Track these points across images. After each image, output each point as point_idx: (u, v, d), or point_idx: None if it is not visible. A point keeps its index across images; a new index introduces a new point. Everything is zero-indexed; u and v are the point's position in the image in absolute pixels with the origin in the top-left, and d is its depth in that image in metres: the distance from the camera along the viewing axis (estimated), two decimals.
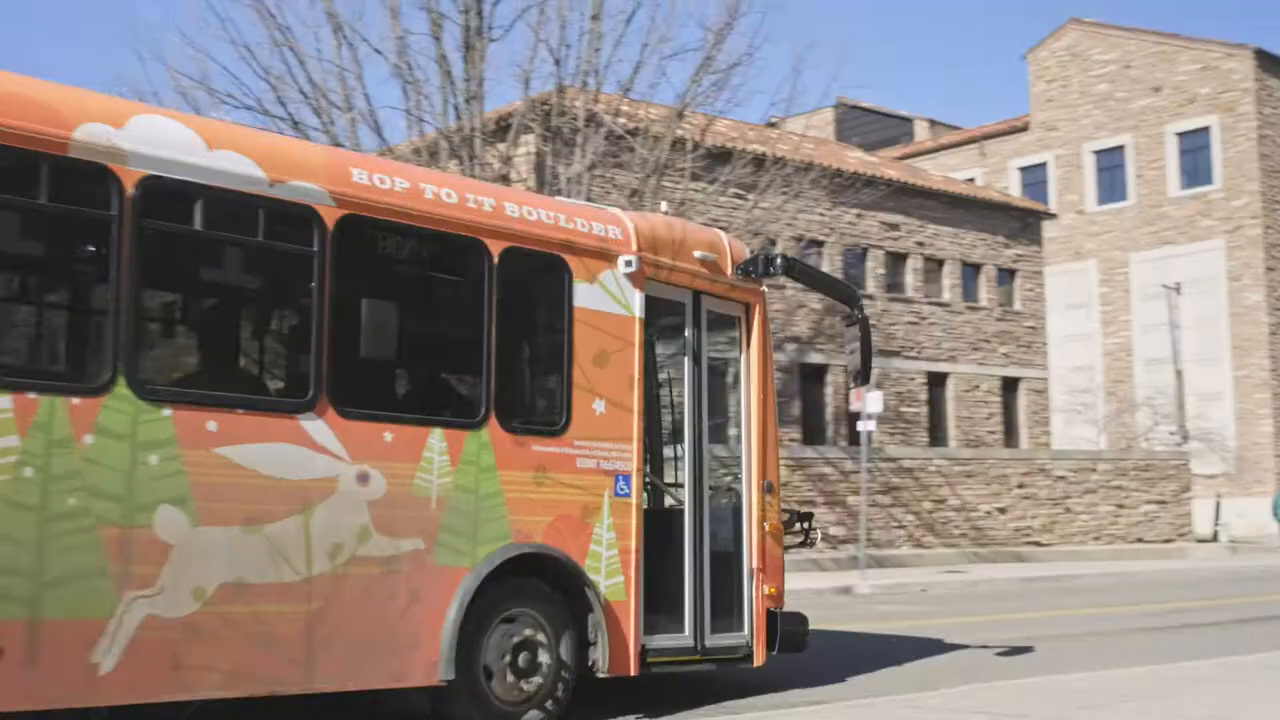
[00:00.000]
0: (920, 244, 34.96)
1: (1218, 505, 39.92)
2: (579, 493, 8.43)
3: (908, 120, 58.51)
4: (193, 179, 6.89)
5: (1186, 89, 47.71)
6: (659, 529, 8.99)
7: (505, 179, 20.70)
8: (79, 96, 6.81)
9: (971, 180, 47.47)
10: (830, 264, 32.22)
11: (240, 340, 8.03)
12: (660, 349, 9.52)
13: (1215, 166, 47.00)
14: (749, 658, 9.42)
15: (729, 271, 9.59)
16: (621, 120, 22.44)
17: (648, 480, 9.07)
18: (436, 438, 7.72)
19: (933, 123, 58.49)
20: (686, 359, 9.35)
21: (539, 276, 8.58)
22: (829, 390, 32.20)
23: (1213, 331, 46.11)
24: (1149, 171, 48.48)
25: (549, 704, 8.06)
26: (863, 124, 54.14)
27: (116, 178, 6.62)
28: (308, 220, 7.29)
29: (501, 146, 21.99)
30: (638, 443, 8.77)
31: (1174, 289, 45.89)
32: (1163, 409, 43.94)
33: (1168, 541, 34.42)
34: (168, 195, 6.81)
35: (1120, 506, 33.97)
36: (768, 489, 9.71)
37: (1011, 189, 48.66)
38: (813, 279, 11.33)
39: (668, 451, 9.63)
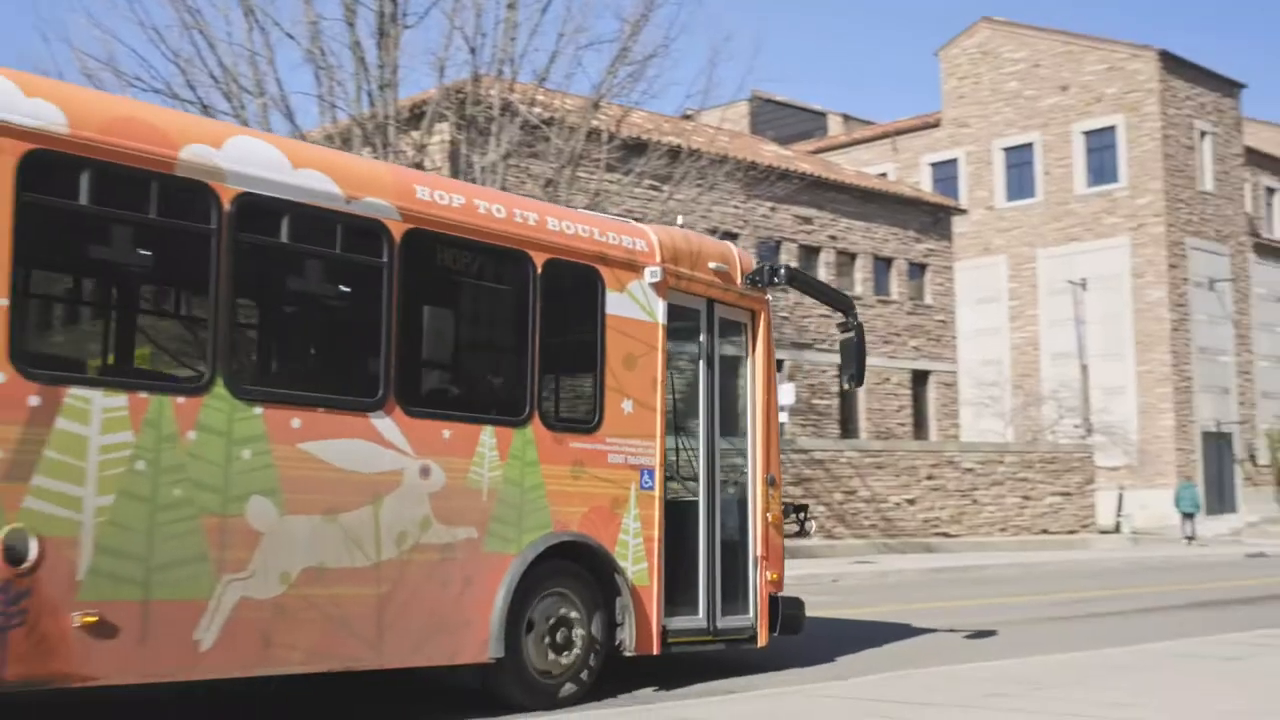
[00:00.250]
0: (833, 238, 35.21)
1: (1120, 497, 40.69)
2: (609, 486, 9.23)
3: (822, 115, 58.92)
4: (280, 195, 7.55)
5: (1093, 88, 48.53)
6: (676, 519, 9.72)
7: (419, 167, 20.48)
8: (183, 119, 7.73)
9: (884, 175, 47.92)
10: None
11: (319, 343, 8.73)
12: (677, 352, 10.15)
13: (1120, 165, 47.87)
14: (754, 639, 10.19)
15: (739, 281, 10.42)
16: (537, 110, 22.31)
17: (668, 474, 9.74)
18: (488, 434, 8.48)
19: (846, 117, 58.94)
20: (701, 362, 10.14)
21: (576, 286, 9.27)
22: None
23: (1117, 327, 46.98)
24: (1056, 169, 49.26)
25: (582, 675, 8.87)
26: (777, 118, 54.42)
27: (216, 194, 7.24)
28: (377, 234, 7.99)
29: (416, 134, 21.77)
30: (660, 440, 9.57)
31: (1080, 285, 46.68)
32: (1068, 402, 44.70)
33: (1072, 533, 35.05)
34: (259, 210, 7.44)
35: (1026, 498, 34.52)
36: (770, 482, 10.55)
37: (923, 184, 49.19)
38: (811, 288, 11.90)
39: (683, 446, 10.17)
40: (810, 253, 34.87)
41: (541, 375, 8.94)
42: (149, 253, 7.37)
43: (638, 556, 9.35)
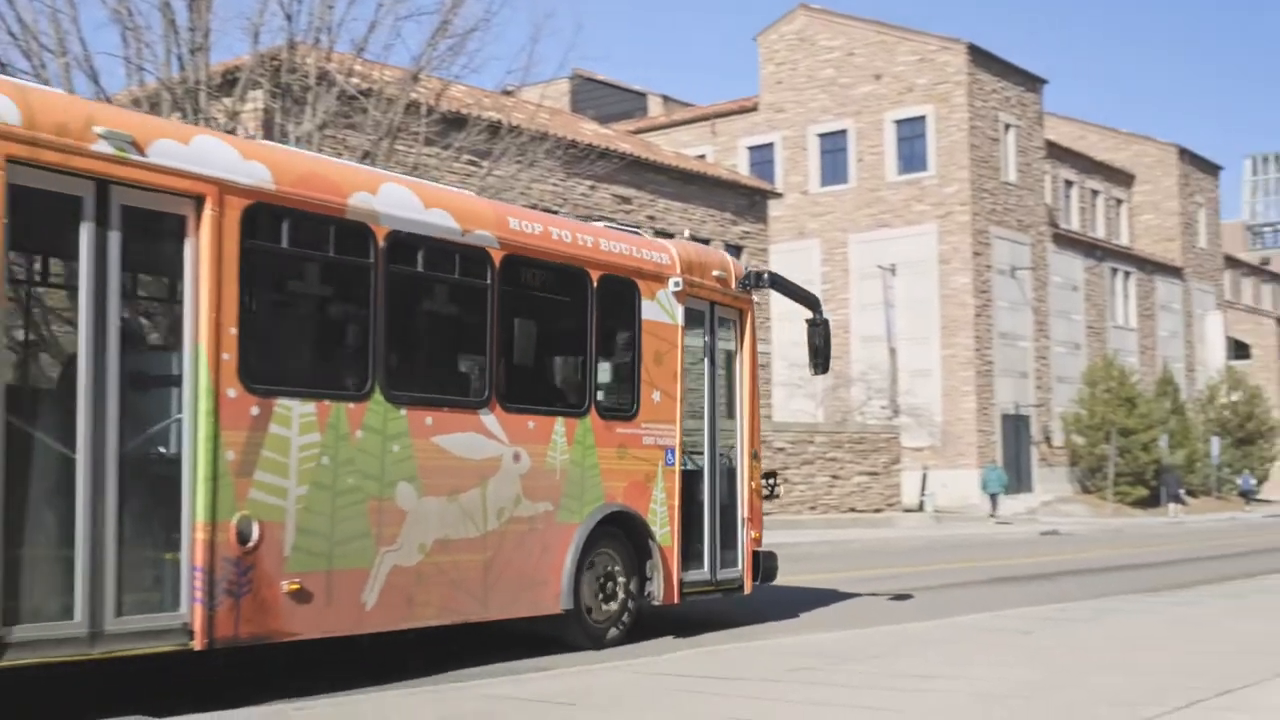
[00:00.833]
0: (652, 218, 35.40)
1: (924, 477, 41.94)
2: (643, 464, 11.16)
3: (642, 95, 59.16)
4: (417, 231, 9.27)
5: (905, 79, 49.74)
6: (686, 489, 11.60)
7: (232, 134, 19.89)
8: (348, 170, 9.50)
9: (703, 157, 48.36)
10: None
11: (444, 354, 10.41)
12: (688, 347, 11.83)
13: (930, 154, 49.21)
14: (741, 588, 12.23)
15: (733, 285, 12.35)
16: (355, 80, 21.86)
17: (685, 451, 11.67)
18: (559, 424, 10.35)
19: (666, 99, 59.31)
20: (705, 357, 12.06)
21: (620, 297, 11.10)
22: None
23: (924, 311, 48.35)
24: (869, 156, 50.40)
25: (623, 619, 10.93)
26: (598, 97, 54.45)
27: (373, 233, 8.91)
28: (483, 260, 9.79)
29: (228, 101, 21.10)
30: (679, 424, 11.52)
31: (889, 270, 47.88)
32: (876, 384, 45.82)
33: (878, 511, 36.01)
34: (403, 245, 9.15)
35: (835, 477, 35.35)
36: (754, 456, 12.53)
37: (740, 167, 49.81)
38: (787, 289, 13.39)
39: (691, 428, 11.91)
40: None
41: (597, 372, 10.94)
42: (328, 284, 9.26)
43: (663, 522, 11.29)
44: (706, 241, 37.19)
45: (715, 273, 12.11)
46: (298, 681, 8.51)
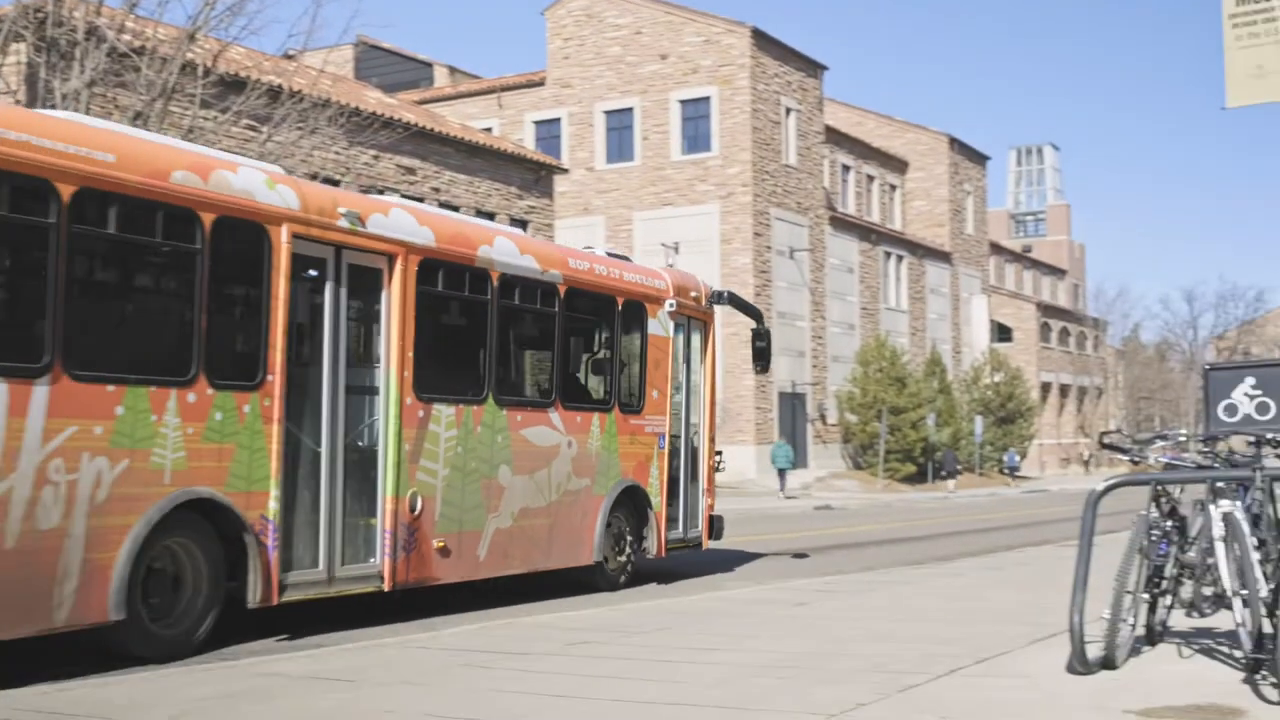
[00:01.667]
0: (436, 190, 34.98)
1: None
2: (645, 448, 14.18)
3: (428, 65, 58.34)
4: (516, 273, 12.16)
5: (691, 59, 50.28)
6: (669, 465, 14.62)
7: None
8: (477, 228, 12.30)
9: (489, 130, 47.99)
10: None
11: (526, 366, 13.51)
12: (675, 354, 14.86)
13: (713, 135, 49.88)
14: (699, 544, 15.34)
15: (703, 303, 15.41)
16: (127, 38, 20.99)
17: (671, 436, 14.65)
18: (595, 418, 13.40)
19: (452, 70, 58.62)
20: (685, 361, 15.15)
21: (635, 316, 14.11)
22: None
23: None
24: (654, 135, 50.82)
25: (628, 569, 13.96)
26: (382, 65, 53.51)
27: (490, 277, 11.81)
28: (554, 292, 12.77)
29: None
30: (669, 415, 14.53)
31: (673, 248, 48.43)
32: None
33: None
34: (508, 285, 12.07)
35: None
36: (711, 439, 15.67)
37: (527, 142, 49.62)
38: (739, 305, 16.27)
39: (674, 417, 14.74)
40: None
41: (618, 377, 13.86)
42: (464, 316, 12.03)
43: (656, 493, 14.30)
44: (491, 216, 36.98)
45: (692, 294, 15.15)
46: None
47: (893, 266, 61.95)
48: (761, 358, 16.40)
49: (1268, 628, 6.83)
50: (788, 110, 51.82)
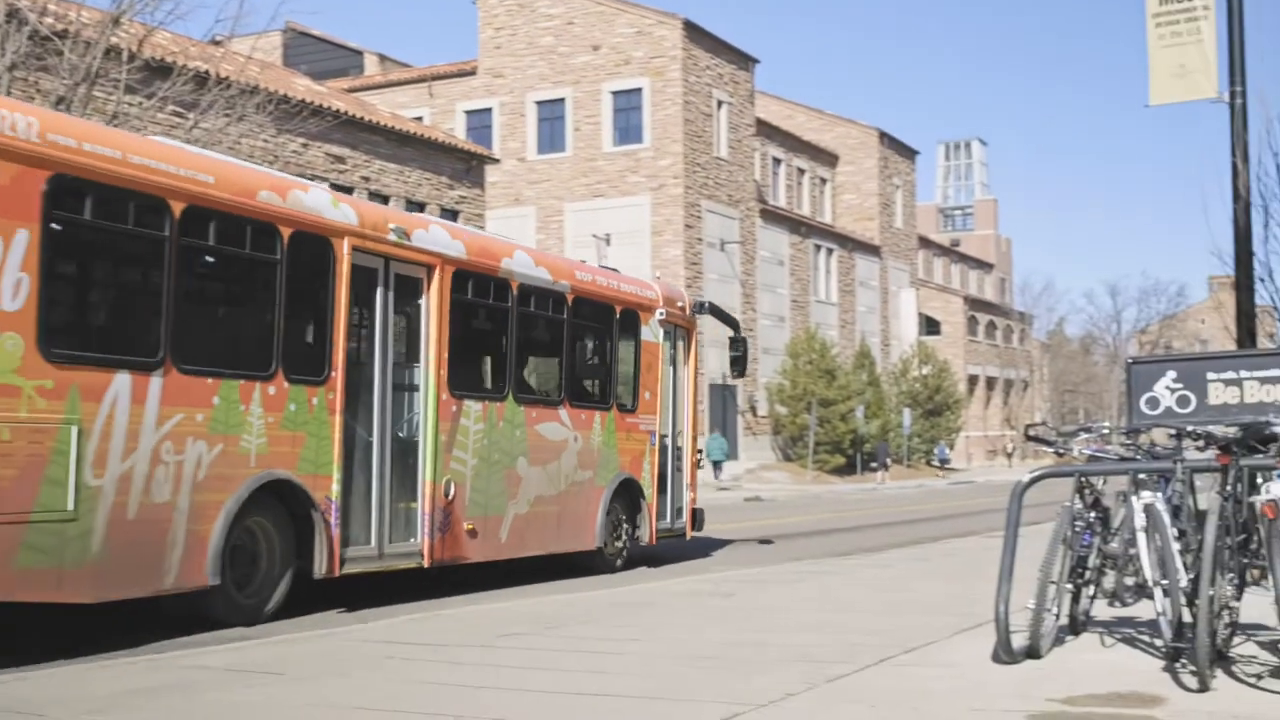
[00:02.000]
0: (366, 179, 34.70)
1: None
2: (639, 444, 15.57)
3: (358, 53, 57.81)
4: (531, 283, 13.54)
5: (623, 50, 50.24)
6: (659, 461, 16.00)
7: None
8: (499, 243, 13.78)
9: (419, 119, 47.68)
10: None
11: (539, 368, 14.90)
12: (664, 358, 16.23)
13: (645, 127, 49.88)
14: (684, 534, 16.79)
15: (688, 312, 16.94)
16: (49, 20, 20.59)
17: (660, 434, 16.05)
18: (597, 416, 14.74)
19: (383, 58, 58.13)
20: (671, 365, 16.45)
21: (629, 324, 15.51)
22: None
23: None
24: (586, 125, 50.73)
25: (623, 554, 15.19)
26: (312, 52, 52.96)
27: (511, 286, 13.18)
28: (563, 300, 14.15)
29: None
30: (659, 415, 15.91)
31: (604, 240, 48.41)
32: None
33: None
34: (526, 293, 13.44)
35: None
36: (694, 437, 17.18)
37: (458, 131, 49.36)
38: (719, 314, 18.27)
39: (662, 416, 16.13)
40: (343, 193, 34.15)
41: (616, 378, 15.22)
42: (489, 321, 13.46)
43: (649, 485, 15.67)
44: (422, 206, 36.77)
45: (678, 303, 16.67)
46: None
47: (823, 259, 62.33)
48: (738, 364, 17.98)
49: (1187, 617, 6.94)
50: (719, 103, 51.94)
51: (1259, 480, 7.14)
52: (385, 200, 35.48)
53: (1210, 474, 7.34)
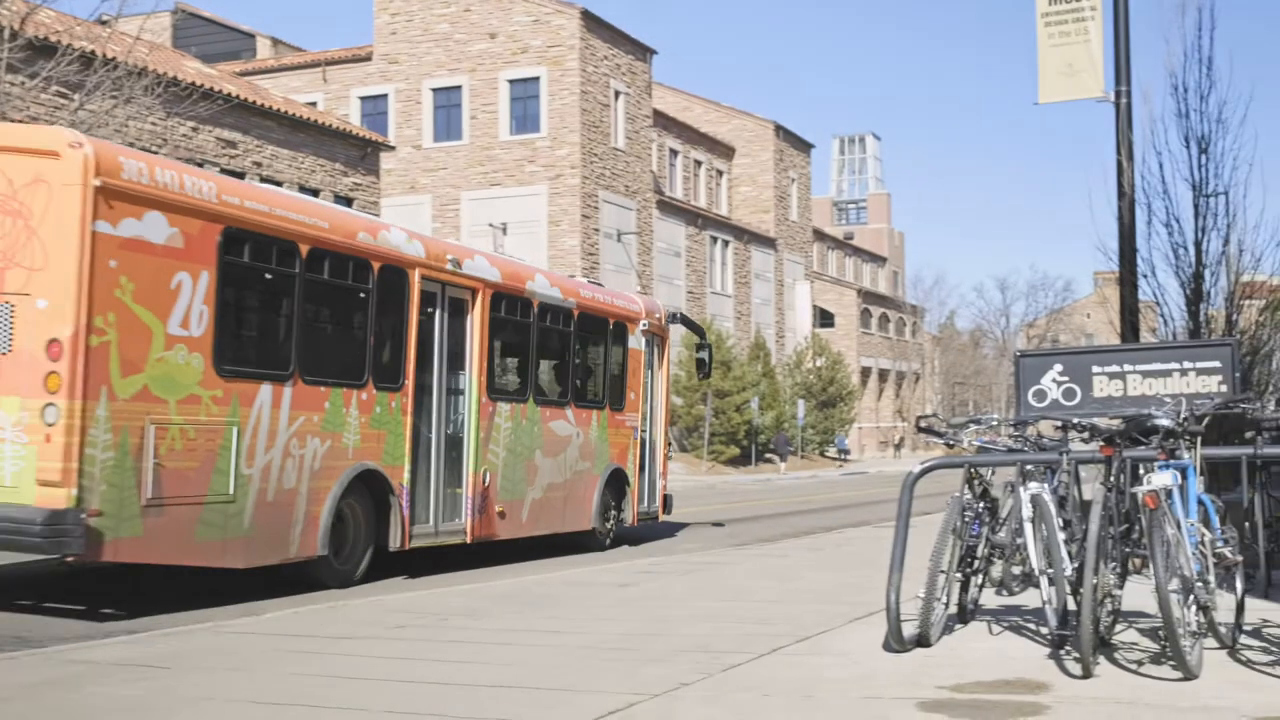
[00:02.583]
0: (258, 164, 34.14)
1: None
2: (625, 438, 17.77)
3: (250, 36, 56.84)
4: (548, 301, 15.83)
5: (520, 39, 49.98)
6: (640, 453, 18.28)
7: None
8: (523, 266, 16.08)
9: (313, 104, 46.97)
10: None
11: (553, 373, 16.61)
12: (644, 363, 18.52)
13: (542, 116, 49.69)
14: (656, 516, 19.06)
15: (663, 322, 19.22)
16: None
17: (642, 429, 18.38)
18: (594, 414, 16.89)
19: (275, 41, 57.23)
20: (649, 369, 18.61)
21: (619, 334, 17.76)
22: None
23: None
24: (483, 114, 50.41)
25: (611, 534, 17.33)
26: (202, 34, 51.97)
27: (532, 304, 15.45)
28: (570, 317, 16.42)
29: None
30: (640, 412, 18.15)
31: (500, 229, 48.17)
32: None
33: None
34: (543, 310, 15.71)
35: None
36: (665, 431, 19.38)
37: (352, 118, 48.79)
38: (688, 324, 21.09)
39: (643, 413, 18.44)
40: (234, 178, 33.52)
41: (608, 381, 17.48)
42: (516, 334, 15.58)
43: (632, 474, 17.96)
44: (315, 192, 36.31)
45: (655, 315, 18.80)
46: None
47: (719, 251, 62.65)
48: (704, 367, 20.37)
49: (1072, 605, 7.09)
50: (617, 93, 51.93)
51: (1141, 471, 7.32)
52: (278, 186, 34.91)
53: (1095, 465, 7.51)
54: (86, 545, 9.42)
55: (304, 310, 11.81)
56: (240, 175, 33.64)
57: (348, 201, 37.50)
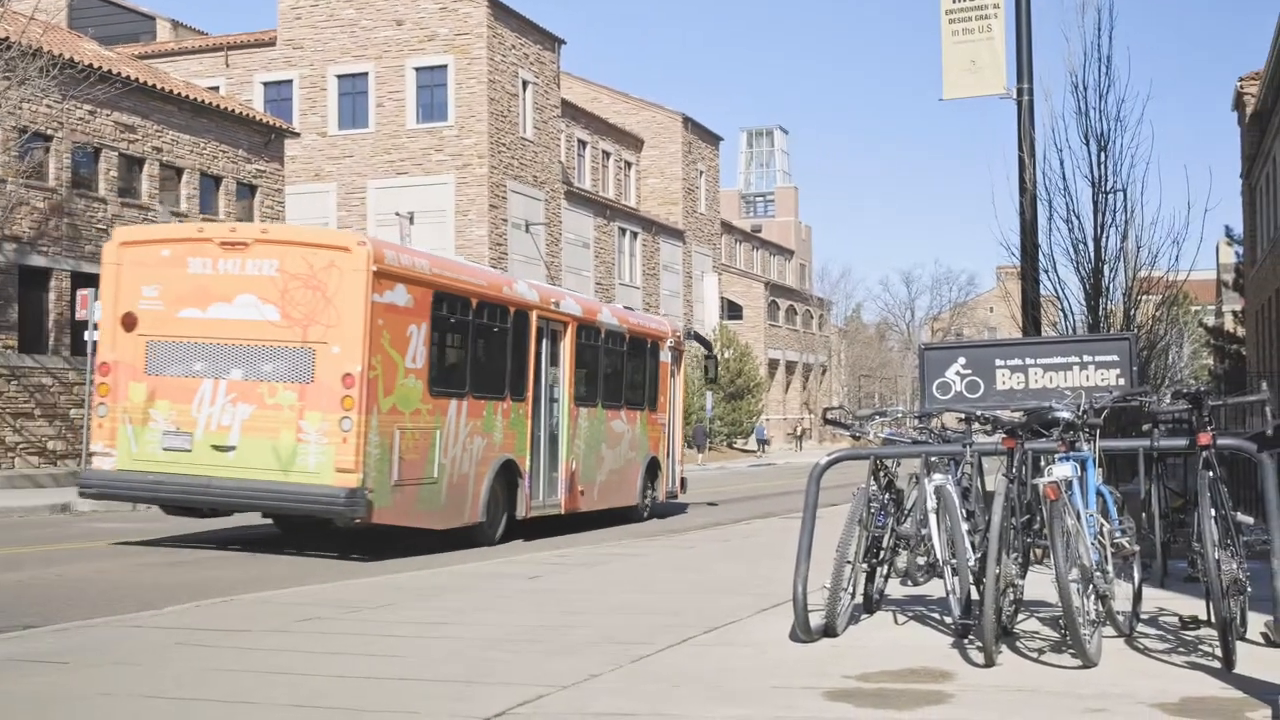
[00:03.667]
0: (159, 149, 33.51)
1: None
2: (658, 432, 22.57)
3: (149, 18, 55.76)
4: (610, 329, 20.75)
5: (427, 26, 49.54)
6: (668, 445, 23.08)
7: None
8: (595, 302, 24.71)
9: (215, 89, 46.15)
10: (59, 161, 30.01)
11: (607, 382, 20.73)
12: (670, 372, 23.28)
13: (449, 105, 49.29)
14: (677, 495, 23.61)
15: (682, 338, 24.23)
16: None
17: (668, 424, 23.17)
18: (639, 414, 21.78)
19: (176, 24, 56.19)
20: (673, 377, 23.18)
21: (654, 350, 22.51)
22: (51, 296, 30.00)
23: None
24: (389, 102, 49.90)
25: (649, 508, 22.04)
26: (99, 15, 50.85)
27: (600, 331, 20.47)
28: (623, 338, 21.30)
29: None
30: (669, 412, 22.86)
31: (407, 218, 47.67)
32: None
33: None
34: (608, 335, 20.71)
35: None
36: (681, 428, 24.21)
37: (256, 103, 48.04)
38: (699, 340, 27.39)
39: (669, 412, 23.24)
40: (133, 164, 32.87)
41: (649, 388, 22.09)
42: (590, 356, 20.04)
43: (664, 461, 22.58)
44: (218, 179, 35.72)
45: (677, 333, 23.74)
46: None
47: (627, 243, 62.69)
48: (709, 373, 27.57)
49: (975, 595, 7.20)
50: (525, 83, 51.70)
51: (1042, 463, 7.44)
52: (180, 173, 34.35)
53: (998, 457, 7.62)
54: (367, 511, 13.85)
55: (474, 346, 16.77)
56: (140, 160, 33.01)
57: (251, 189, 36.98)
